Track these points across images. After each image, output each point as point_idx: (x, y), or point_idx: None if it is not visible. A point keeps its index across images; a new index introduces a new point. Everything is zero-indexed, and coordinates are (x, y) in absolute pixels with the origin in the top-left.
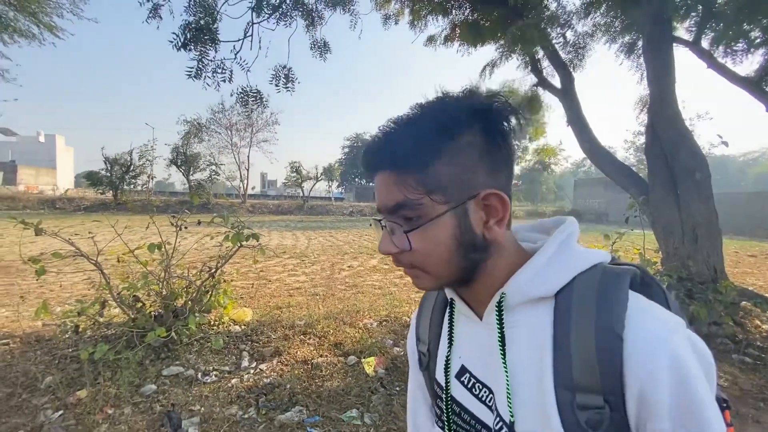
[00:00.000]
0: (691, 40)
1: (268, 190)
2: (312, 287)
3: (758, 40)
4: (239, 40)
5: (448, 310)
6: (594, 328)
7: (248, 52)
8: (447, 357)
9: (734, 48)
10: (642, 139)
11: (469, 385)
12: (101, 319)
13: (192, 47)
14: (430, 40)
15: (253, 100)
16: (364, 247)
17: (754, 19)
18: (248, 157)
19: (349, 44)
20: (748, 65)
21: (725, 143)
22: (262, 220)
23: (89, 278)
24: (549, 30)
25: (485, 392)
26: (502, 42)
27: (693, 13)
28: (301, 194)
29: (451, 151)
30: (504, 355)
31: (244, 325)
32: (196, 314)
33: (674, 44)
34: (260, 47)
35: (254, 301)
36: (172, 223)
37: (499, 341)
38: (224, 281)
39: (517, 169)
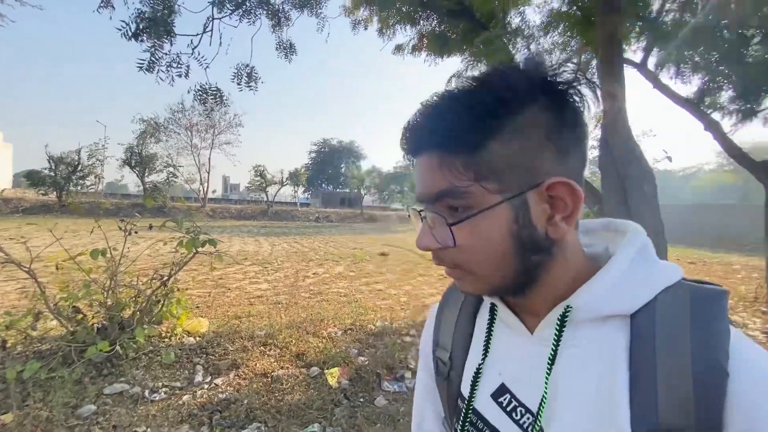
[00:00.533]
0: (639, 62)
1: (230, 194)
2: (274, 295)
3: (698, 66)
4: (198, 34)
5: (487, 316)
6: (690, 358)
7: (208, 48)
8: (478, 369)
9: (677, 71)
10: (595, 153)
11: (509, 408)
12: (34, 333)
13: (144, 38)
14: (399, 48)
15: (212, 98)
16: (330, 253)
17: (694, 47)
18: (209, 159)
19: (320, 47)
20: (689, 87)
21: (669, 158)
22: (222, 225)
23: (23, 287)
24: (512, 44)
25: (528, 418)
26: (467, 54)
27: (641, 38)
28: (266, 199)
29: (511, 130)
30: (549, 373)
31: (199, 336)
32: (145, 326)
33: (625, 65)
34: (221, 44)
35: (211, 310)
36: (120, 227)
37: (549, 358)
38: (178, 290)
39: None
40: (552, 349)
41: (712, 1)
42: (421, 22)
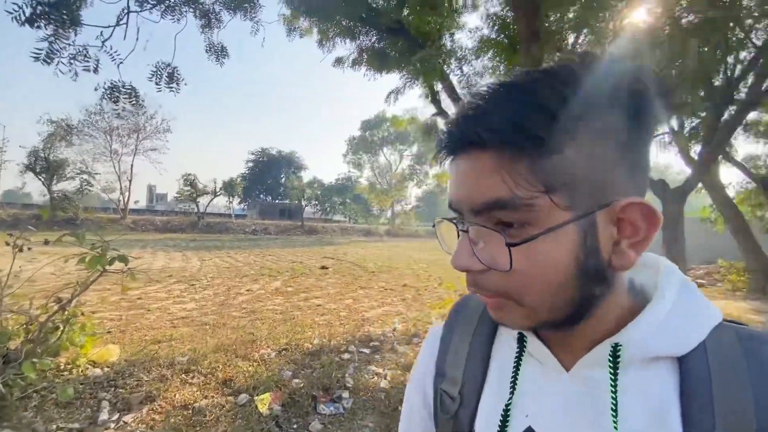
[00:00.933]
0: None
1: (156, 204)
2: (201, 316)
3: None
4: (110, 26)
5: (508, 345)
6: (754, 405)
7: (122, 43)
8: (506, 408)
9: None
10: None
11: None
12: None
13: (42, 24)
14: (339, 61)
15: (126, 98)
16: (267, 268)
17: None
18: (131, 166)
19: (259, 53)
20: None
21: None
22: (145, 238)
23: None
24: (447, 65)
25: None
26: (405, 71)
27: None
28: (196, 210)
29: (591, 134)
30: (616, 428)
31: (108, 366)
32: (36, 359)
33: None
34: (138, 39)
35: (125, 336)
36: (8, 242)
37: (612, 410)
38: (82, 314)
39: (419, 192)
40: (613, 396)
41: (618, 39)
42: (361, 37)
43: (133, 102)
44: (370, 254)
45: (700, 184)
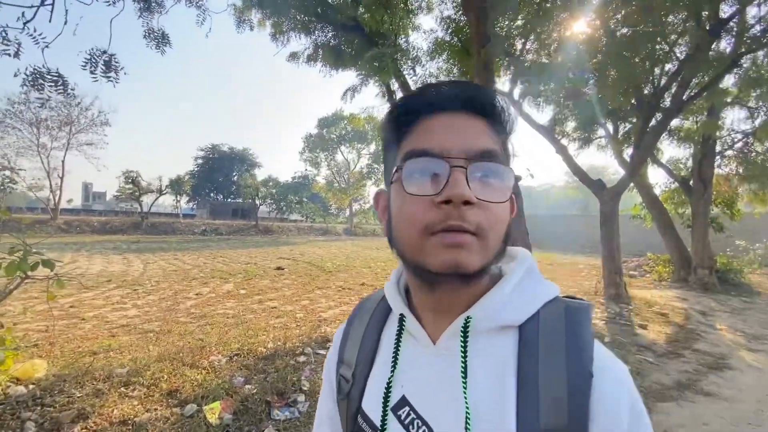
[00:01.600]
0: (507, 91)
1: (93, 203)
2: (144, 323)
3: (550, 99)
4: (33, 6)
5: (395, 328)
6: (565, 365)
7: (47, 26)
8: (388, 383)
9: (535, 102)
10: None
11: (407, 421)
12: None
13: None
14: (293, 56)
15: (51, 86)
16: (218, 270)
17: (546, 83)
18: (63, 162)
19: (208, 44)
20: (545, 116)
21: (532, 176)
22: (81, 240)
23: None
24: (401, 63)
25: (423, 430)
26: (361, 69)
27: (508, 71)
28: (140, 210)
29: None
30: (465, 387)
31: (33, 383)
32: None
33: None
34: (66, 22)
35: (55, 348)
36: None
37: (462, 372)
38: (1, 326)
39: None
40: (462, 361)
41: (561, 46)
42: (317, 32)
43: (60, 91)
44: (328, 254)
45: (631, 184)
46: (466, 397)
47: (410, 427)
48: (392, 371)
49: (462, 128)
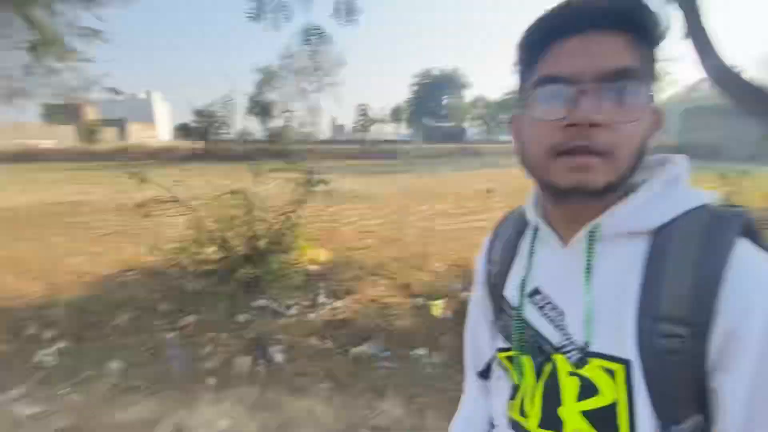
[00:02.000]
0: None
1: (336, 135)
2: (382, 231)
3: None
4: None
5: (530, 236)
6: (693, 264)
7: None
8: (523, 278)
9: None
10: None
11: (540, 305)
12: (198, 257)
13: None
14: None
15: (315, 37)
16: (432, 191)
17: None
18: (319, 101)
19: None
20: None
21: None
22: (333, 165)
23: (191, 220)
24: None
25: (556, 313)
26: None
27: None
28: (369, 138)
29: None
30: (588, 281)
31: (320, 264)
32: (276, 254)
33: None
34: None
35: (328, 242)
36: (250, 171)
37: (585, 270)
38: (299, 224)
39: None
40: (586, 260)
41: None
42: None
43: (320, 40)
44: None
45: None
46: (587, 289)
47: (544, 309)
48: (527, 271)
49: (596, 49)
